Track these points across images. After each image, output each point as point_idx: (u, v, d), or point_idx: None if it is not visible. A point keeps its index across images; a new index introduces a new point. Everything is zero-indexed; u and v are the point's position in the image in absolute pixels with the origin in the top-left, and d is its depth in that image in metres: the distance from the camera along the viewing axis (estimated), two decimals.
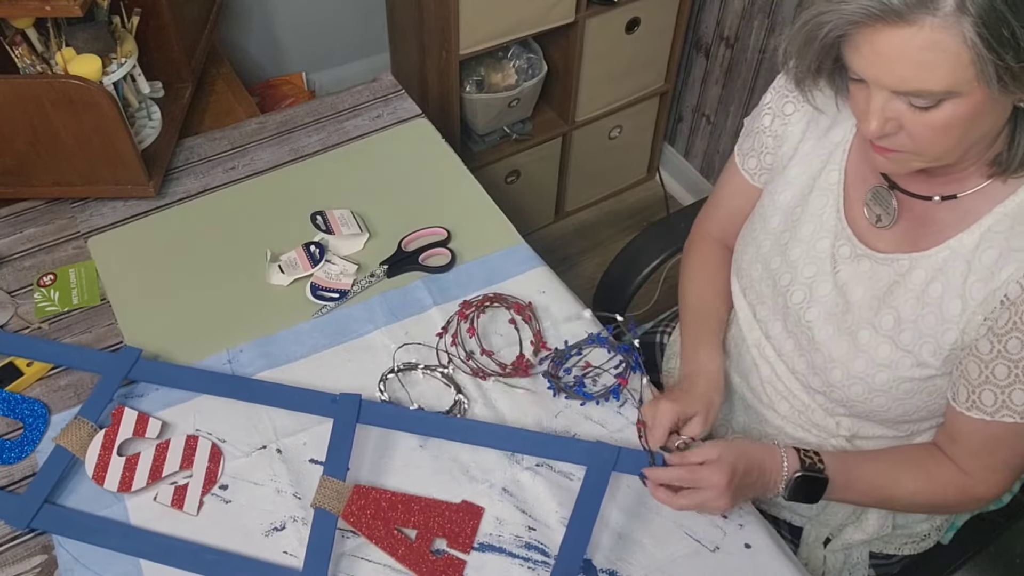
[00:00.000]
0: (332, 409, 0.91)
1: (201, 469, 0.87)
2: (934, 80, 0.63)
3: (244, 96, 1.41)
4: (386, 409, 0.91)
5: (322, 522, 0.82)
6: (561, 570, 0.79)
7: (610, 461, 0.86)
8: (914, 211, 0.80)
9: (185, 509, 0.85)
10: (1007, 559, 1.06)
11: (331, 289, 1.04)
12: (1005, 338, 0.73)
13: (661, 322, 1.23)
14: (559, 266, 1.09)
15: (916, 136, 0.68)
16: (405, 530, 0.83)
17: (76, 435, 0.88)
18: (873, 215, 0.82)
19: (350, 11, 1.80)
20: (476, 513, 0.85)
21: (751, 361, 0.95)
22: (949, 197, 0.77)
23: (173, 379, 0.94)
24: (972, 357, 0.76)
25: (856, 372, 0.82)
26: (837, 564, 0.96)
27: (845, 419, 0.88)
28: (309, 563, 0.80)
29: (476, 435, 0.89)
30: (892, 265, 0.80)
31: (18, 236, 1.12)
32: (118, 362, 0.94)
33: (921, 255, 0.78)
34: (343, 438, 0.88)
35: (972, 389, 0.77)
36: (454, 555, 0.82)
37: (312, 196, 1.16)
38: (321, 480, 0.84)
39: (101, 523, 0.84)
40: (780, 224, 0.90)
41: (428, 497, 0.86)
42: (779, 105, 0.91)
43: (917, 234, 0.79)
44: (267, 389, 0.93)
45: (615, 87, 1.87)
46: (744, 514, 0.86)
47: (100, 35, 1.11)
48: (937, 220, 0.78)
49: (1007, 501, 1.02)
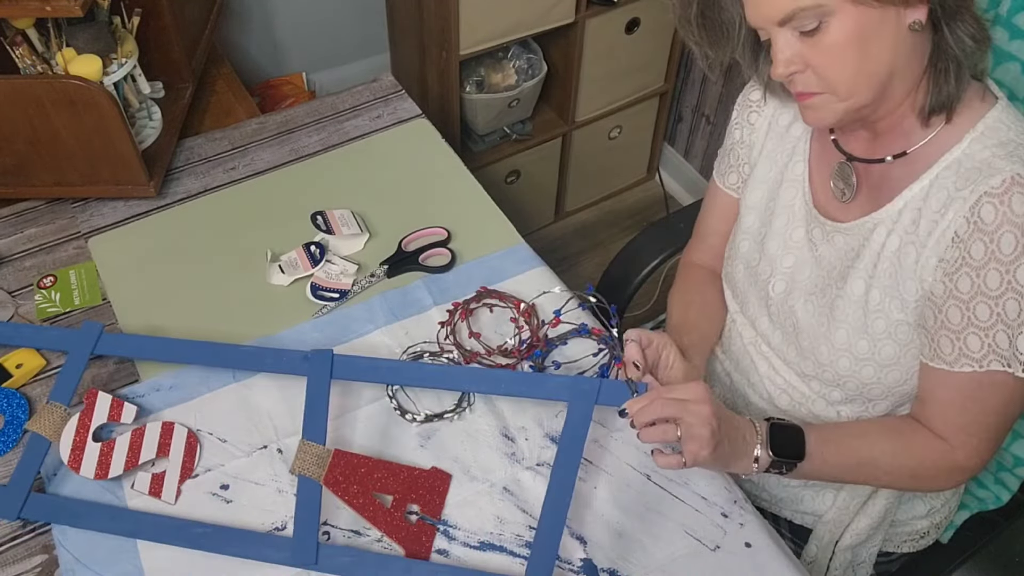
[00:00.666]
0: (304, 367, 0.89)
1: (178, 457, 0.87)
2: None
3: (244, 96, 1.41)
4: (358, 362, 0.90)
5: (306, 488, 0.82)
6: (549, 516, 0.77)
7: (591, 394, 0.83)
8: (872, 176, 0.82)
9: (163, 498, 0.85)
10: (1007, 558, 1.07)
11: (331, 289, 1.04)
12: (956, 276, 0.74)
13: (661, 322, 1.23)
14: (559, 266, 1.09)
15: (817, 65, 0.72)
16: (382, 496, 0.84)
17: (49, 419, 0.86)
18: (839, 190, 0.85)
19: (350, 11, 1.81)
20: (444, 479, 0.86)
21: (749, 360, 0.96)
22: (899, 156, 0.79)
23: (139, 350, 0.93)
24: (929, 303, 0.77)
25: (839, 344, 0.83)
26: (843, 563, 0.96)
27: (845, 407, 0.89)
28: (299, 531, 0.80)
29: (452, 380, 0.89)
30: (859, 231, 0.82)
31: (19, 236, 1.12)
32: (82, 338, 0.92)
33: (880, 212, 0.80)
34: (318, 397, 0.86)
35: (931, 338, 0.77)
36: (427, 521, 0.83)
37: (312, 196, 1.16)
38: (300, 444, 0.83)
39: (91, 507, 0.83)
40: (755, 222, 0.93)
41: (400, 463, 0.87)
42: (744, 116, 0.95)
43: (877, 196, 0.81)
44: (236, 352, 0.92)
45: (615, 87, 1.87)
46: (744, 513, 0.86)
47: (101, 35, 1.11)
48: (892, 178, 0.80)
49: (1007, 501, 1.02)
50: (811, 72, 0.73)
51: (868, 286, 0.81)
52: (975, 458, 0.80)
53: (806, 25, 0.70)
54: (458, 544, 0.83)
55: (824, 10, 0.68)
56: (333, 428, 0.91)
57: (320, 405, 0.86)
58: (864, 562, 0.97)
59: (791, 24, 0.70)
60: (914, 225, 0.77)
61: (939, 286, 0.75)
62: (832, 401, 0.89)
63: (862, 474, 0.84)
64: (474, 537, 0.84)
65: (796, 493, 0.96)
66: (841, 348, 0.83)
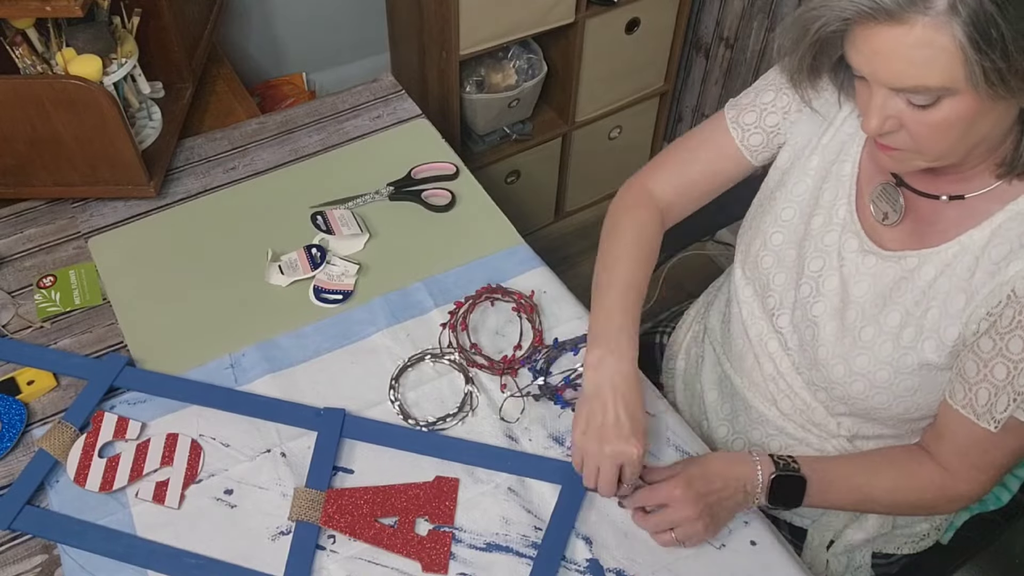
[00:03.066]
0: (316, 423, 0.91)
1: (182, 464, 0.87)
2: (929, 77, 0.64)
3: (244, 96, 1.40)
4: (369, 424, 0.91)
5: (303, 533, 0.82)
6: None
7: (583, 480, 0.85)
8: (921, 209, 0.80)
9: (167, 503, 0.85)
10: (1007, 559, 1.07)
11: (334, 291, 1.04)
12: (1008, 336, 0.72)
13: (661, 322, 1.23)
14: (559, 266, 1.09)
15: (916, 135, 0.69)
16: (386, 520, 0.84)
17: (59, 439, 0.88)
18: (880, 212, 0.82)
19: (350, 11, 1.80)
20: (452, 485, 0.86)
21: (753, 358, 0.94)
22: (956, 197, 0.77)
23: (157, 388, 0.94)
24: (972, 354, 0.75)
25: (858, 369, 0.82)
26: (840, 567, 0.96)
27: (846, 419, 0.88)
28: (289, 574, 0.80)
29: (453, 452, 0.89)
30: (899, 263, 0.80)
31: (18, 236, 1.12)
32: (104, 369, 0.94)
33: (931, 251, 0.78)
34: (326, 452, 0.88)
35: (969, 387, 0.76)
36: (440, 529, 0.83)
37: (312, 196, 1.15)
38: (295, 492, 0.85)
39: (82, 526, 0.83)
40: (794, 216, 0.89)
41: (400, 484, 0.86)
42: (787, 93, 0.88)
43: (924, 232, 0.79)
44: (250, 401, 0.93)
45: (615, 87, 1.87)
46: (748, 512, 0.86)
47: (100, 35, 1.10)
48: (944, 218, 0.78)
49: (1007, 501, 1.02)
50: (904, 133, 0.70)
51: (904, 322, 0.79)
52: (978, 488, 0.81)
53: (920, 100, 0.66)
54: (464, 546, 0.83)
55: (947, 92, 0.64)
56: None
57: (326, 459, 0.87)
58: (861, 567, 0.97)
59: (904, 94, 0.67)
60: (969, 272, 0.75)
61: (986, 341, 0.74)
62: (834, 413, 0.89)
63: (862, 507, 0.88)
64: (480, 539, 0.84)
65: None
66: (859, 373, 0.82)
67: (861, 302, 0.83)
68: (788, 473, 0.82)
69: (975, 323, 0.74)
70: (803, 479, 0.82)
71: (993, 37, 0.60)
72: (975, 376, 0.75)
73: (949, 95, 0.65)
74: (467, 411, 0.93)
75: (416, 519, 0.84)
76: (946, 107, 0.65)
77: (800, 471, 0.82)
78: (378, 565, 0.82)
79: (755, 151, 0.92)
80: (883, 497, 0.84)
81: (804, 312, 0.87)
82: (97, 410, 0.91)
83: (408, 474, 0.88)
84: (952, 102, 0.65)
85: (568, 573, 0.81)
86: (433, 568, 0.81)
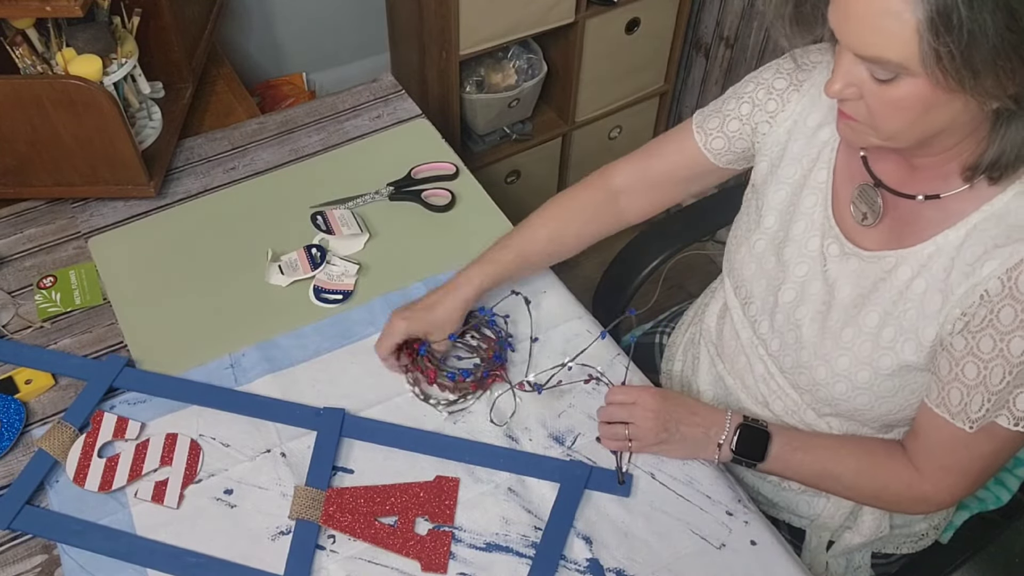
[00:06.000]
0: (315, 422, 0.91)
1: (180, 464, 0.87)
2: (889, 49, 0.64)
3: (244, 96, 1.40)
4: (368, 424, 0.91)
5: (303, 533, 0.83)
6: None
7: (582, 479, 0.87)
8: (899, 209, 0.80)
9: (165, 503, 0.85)
10: (1006, 559, 1.07)
11: (334, 291, 1.04)
12: (979, 335, 0.73)
13: (660, 322, 1.23)
14: (559, 266, 1.09)
15: (872, 109, 0.70)
16: (385, 519, 0.84)
17: (58, 439, 0.88)
18: (859, 213, 0.83)
19: (350, 11, 1.80)
20: (452, 484, 0.86)
21: (745, 361, 0.95)
22: (932, 197, 0.77)
23: (156, 388, 0.94)
24: (945, 353, 0.76)
25: (839, 370, 0.83)
26: (840, 568, 0.96)
27: (835, 420, 0.89)
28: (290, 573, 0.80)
29: (453, 452, 0.89)
30: (879, 263, 0.81)
31: (18, 236, 1.12)
32: (103, 369, 0.94)
33: (907, 251, 0.78)
34: (325, 451, 0.88)
35: (942, 386, 0.76)
36: (439, 529, 0.83)
37: (312, 196, 1.15)
38: (295, 490, 0.85)
39: (82, 526, 0.83)
40: (774, 223, 0.90)
41: (401, 483, 0.86)
42: (760, 97, 0.90)
43: (903, 232, 0.80)
44: (250, 400, 0.93)
45: (615, 87, 1.87)
46: (748, 512, 0.86)
47: (100, 35, 1.10)
48: (922, 218, 0.78)
49: (1007, 501, 1.02)
50: (863, 104, 0.71)
51: (883, 322, 0.80)
52: (945, 493, 0.81)
53: (880, 73, 0.67)
54: (464, 546, 0.83)
55: (905, 71, 0.65)
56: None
57: (326, 458, 0.88)
58: (861, 567, 0.97)
59: (867, 64, 0.68)
60: (945, 273, 0.75)
61: (959, 340, 0.74)
62: (822, 414, 0.89)
63: (823, 484, 0.88)
64: (480, 538, 0.84)
65: (792, 498, 0.97)
66: (841, 374, 0.83)
67: (843, 304, 0.83)
68: (754, 425, 0.87)
69: (951, 323, 0.75)
70: (767, 433, 0.86)
71: (953, 23, 0.60)
72: (947, 375, 0.76)
73: (907, 75, 0.65)
74: (482, 391, 0.93)
75: (416, 519, 0.84)
76: (903, 87, 0.66)
77: (767, 428, 0.86)
78: (378, 565, 0.82)
79: (718, 154, 0.95)
80: (846, 477, 0.85)
81: (787, 316, 0.88)
82: (97, 410, 0.91)
83: (408, 474, 0.88)
84: (909, 83, 0.66)
85: (568, 573, 0.81)
86: (433, 568, 0.81)
